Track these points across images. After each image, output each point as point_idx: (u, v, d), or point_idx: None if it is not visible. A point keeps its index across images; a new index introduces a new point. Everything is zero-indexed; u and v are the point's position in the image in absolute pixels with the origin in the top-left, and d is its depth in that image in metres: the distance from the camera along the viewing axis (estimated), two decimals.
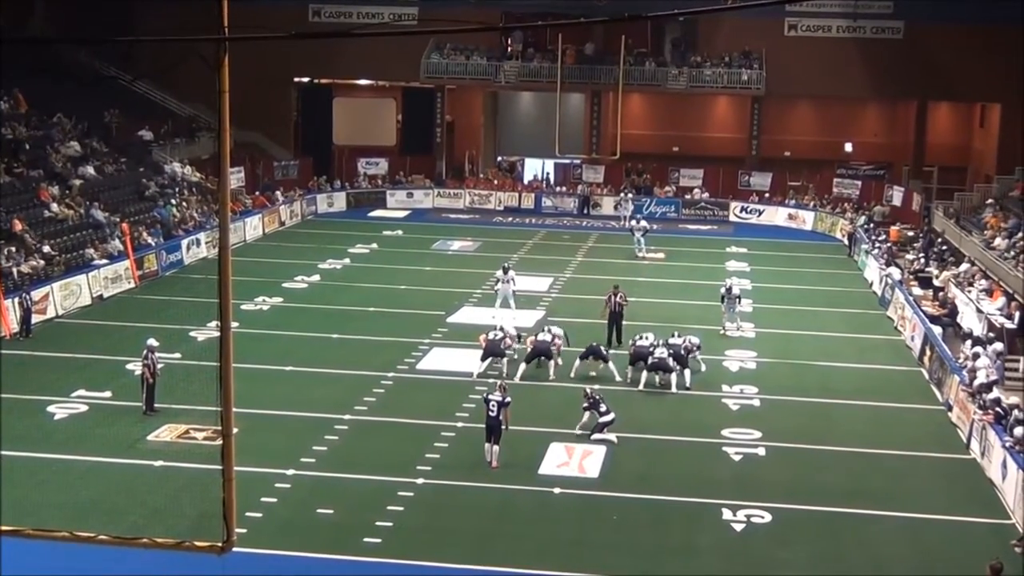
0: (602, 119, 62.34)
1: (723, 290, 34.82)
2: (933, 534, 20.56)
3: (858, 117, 63.38)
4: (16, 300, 32.54)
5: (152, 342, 25.65)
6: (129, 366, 28.09)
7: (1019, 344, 31.27)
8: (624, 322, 32.55)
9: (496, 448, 22.74)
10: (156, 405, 25.31)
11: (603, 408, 24.52)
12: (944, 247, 43.56)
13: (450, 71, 60.99)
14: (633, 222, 49.81)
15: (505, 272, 35.80)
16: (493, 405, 22.73)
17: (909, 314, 34.44)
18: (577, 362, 29.06)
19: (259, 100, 50.35)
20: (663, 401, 27.70)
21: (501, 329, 29.57)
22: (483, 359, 28.99)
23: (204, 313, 29.70)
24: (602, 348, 29.47)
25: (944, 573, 18.71)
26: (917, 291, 37.96)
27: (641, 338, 29.60)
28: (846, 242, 50.32)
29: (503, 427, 22.79)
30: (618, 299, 32.83)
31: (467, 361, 30.00)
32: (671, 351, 28.62)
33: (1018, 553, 19.38)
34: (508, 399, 22.90)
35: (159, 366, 25.61)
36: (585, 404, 24.67)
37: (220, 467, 11.51)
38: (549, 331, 29.60)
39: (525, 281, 39.44)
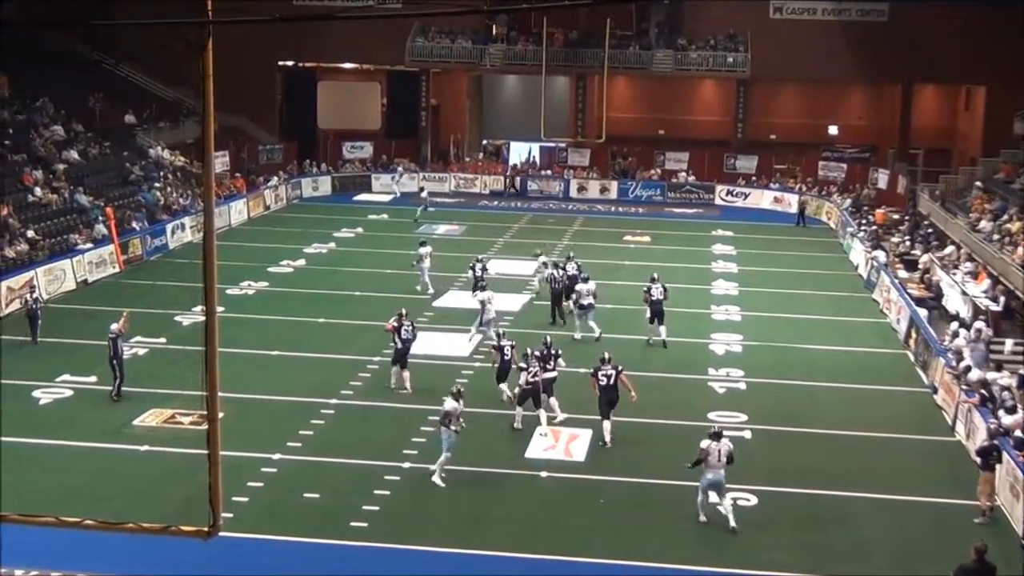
0: (587, 102, 62.29)
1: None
2: (918, 516, 20.61)
3: (843, 100, 63.48)
4: (25, 308, 31.56)
5: (114, 327, 25.53)
6: None
7: (1004, 326, 31.39)
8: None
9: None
10: (140, 390, 25.26)
11: (550, 365, 24.73)
12: (930, 230, 43.63)
13: (435, 54, 60.87)
14: (424, 194, 52.67)
15: (423, 245, 37.06)
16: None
17: (895, 297, 34.51)
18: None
19: (243, 84, 50.06)
20: (649, 384, 27.69)
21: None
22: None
23: (189, 298, 29.56)
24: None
25: (929, 554, 18.76)
26: (903, 274, 38.06)
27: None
28: (793, 210, 53.39)
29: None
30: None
31: (453, 345, 30.03)
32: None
33: (978, 524, 19.62)
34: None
35: (124, 354, 25.52)
36: (537, 352, 24.79)
37: (206, 452, 11.47)
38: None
39: (511, 265, 39.57)
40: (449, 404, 21.15)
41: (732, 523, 19.33)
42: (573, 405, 24.75)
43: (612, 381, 23.43)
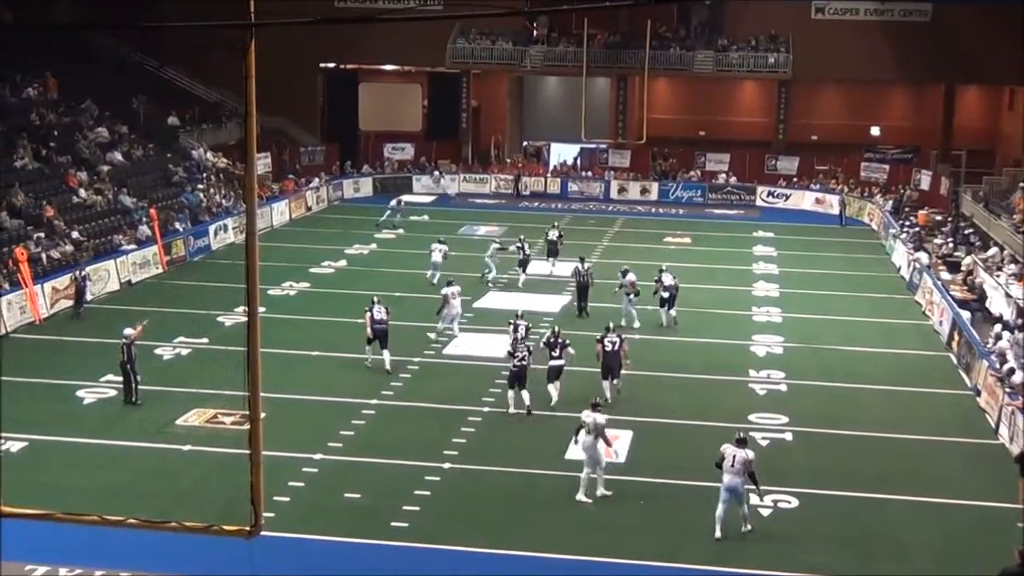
0: (628, 104, 62.22)
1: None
2: (961, 519, 20.48)
3: (885, 101, 63.02)
4: (73, 283, 33.55)
5: (128, 332, 25.63)
6: (157, 351, 28.24)
7: None
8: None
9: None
10: (183, 390, 25.43)
11: (556, 352, 25.64)
12: (972, 231, 43.30)
13: (476, 56, 60.99)
14: (399, 204, 50.80)
15: (441, 242, 38.20)
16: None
17: (937, 299, 34.27)
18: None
19: (285, 86, 50.34)
20: (689, 385, 27.71)
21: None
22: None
23: (232, 298, 29.88)
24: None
25: (972, 558, 18.62)
26: (945, 275, 37.78)
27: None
28: (835, 212, 53.62)
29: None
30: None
31: (493, 346, 30.03)
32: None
33: (1022, 527, 19.41)
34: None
35: (135, 358, 25.59)
36: (543, 341, 26.27)
37: (248, 451, 11.51)
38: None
39: (550, 266, 39.50)
40: (587, 416, 20.63)
41: (745, 527, 19.21)
42: (613, 407, 24.73)
43: (616, 348, 25.60)
